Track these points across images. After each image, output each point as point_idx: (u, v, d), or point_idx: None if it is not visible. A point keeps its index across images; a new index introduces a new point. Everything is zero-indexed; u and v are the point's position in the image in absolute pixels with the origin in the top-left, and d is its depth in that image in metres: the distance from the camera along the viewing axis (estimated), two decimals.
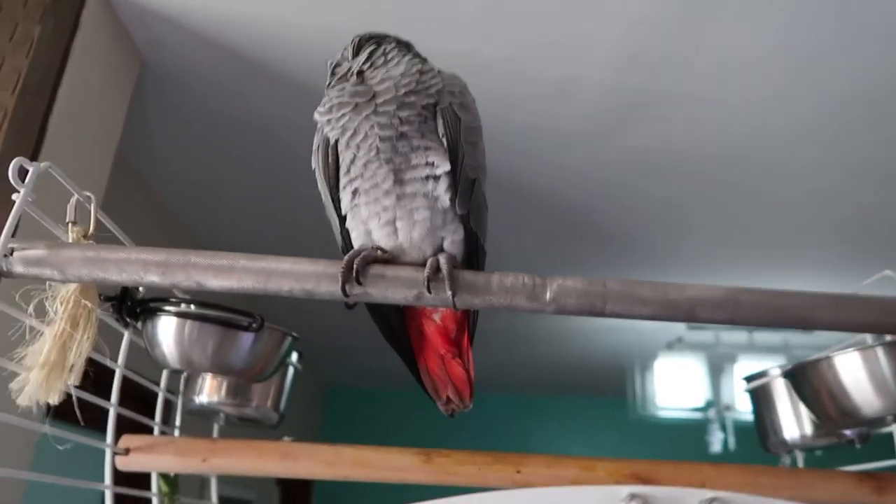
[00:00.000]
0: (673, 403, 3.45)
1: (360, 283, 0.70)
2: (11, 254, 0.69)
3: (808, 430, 1.11)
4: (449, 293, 0.69)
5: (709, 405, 3.43)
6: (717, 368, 3.43)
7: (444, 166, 0.74)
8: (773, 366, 1.18)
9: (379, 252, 0.75)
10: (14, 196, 0.70)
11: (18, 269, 0.69)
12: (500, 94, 1.88)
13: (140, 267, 0.70)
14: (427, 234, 0.75)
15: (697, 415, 3.47)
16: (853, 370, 0.85)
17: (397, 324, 0.86)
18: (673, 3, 1.57)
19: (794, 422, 1.13)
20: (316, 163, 0.80)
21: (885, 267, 1.46)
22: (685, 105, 1.89)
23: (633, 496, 0.43)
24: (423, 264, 0.71)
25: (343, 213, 0.79)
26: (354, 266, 0.70)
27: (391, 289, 0.71)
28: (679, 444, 4.42)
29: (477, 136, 0.80)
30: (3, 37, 1.42)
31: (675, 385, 3.44)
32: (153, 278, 0.70)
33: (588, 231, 2.63)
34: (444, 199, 0.75)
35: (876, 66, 1.72)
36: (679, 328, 3.53)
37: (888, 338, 0.93)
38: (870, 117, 1.90)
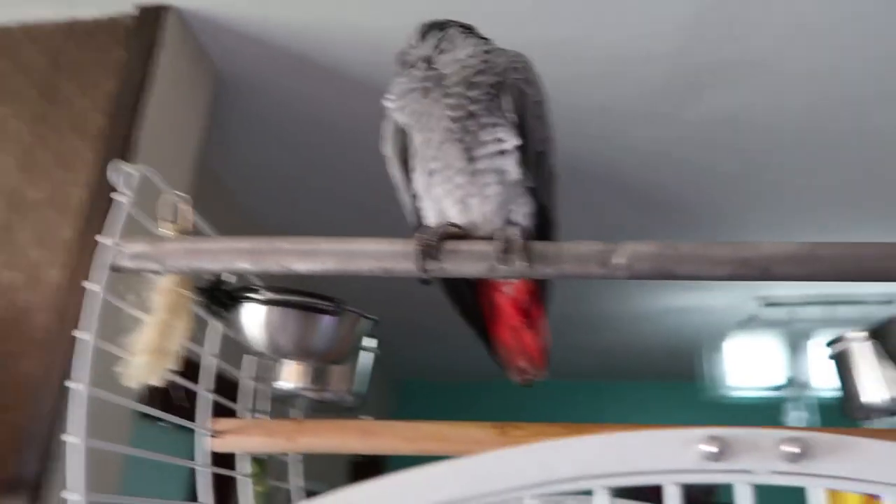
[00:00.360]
0: (747, 383, 3.36)
1: (435, 259, 0.73)
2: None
3: (893, 392, 1.08)
4: (522, 264, 0.71)
5: (785, 384, 3.32)
6: (793, 346, 3.32)
7: (512, 141, 0.77)
8: (856, 328, 1.14)
9: (452, 228, 0.78)
10: (118, 197, 0.76)
11: (126, 263, 0.75)
12: (563, 75, 1.87)
13: (232, 255, 0.75)
14: (498, 208, 0.78)
15: (773, 394, 3.36)
16: None
17: (470, 298, 0.89)
18: None
19: (882, 384, 1.09)
20: (388, 148, 0.84)
21: None
22: (755, 73, 1.84)
23: (712, 438, 0.44)
24: (498, 237, 0.74)
25: (418, 193, 0.82)
26: (430, 243, 0.73)
27: (466, 263, 0.73)
28: (755, 425, 4.30)
29: (542, 109, 0.82)
30: (92, 59, 1.53)
31: (749, 365, 3.34)
32: (244, 265, 0.75)
33: (656, 206, 2.59)
34: (514, 173, 0.78)
35: None
36: (751, 306, 3.43)
37: None
38: None
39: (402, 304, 3.36)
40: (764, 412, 3.70)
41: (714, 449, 0.48)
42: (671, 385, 4.92)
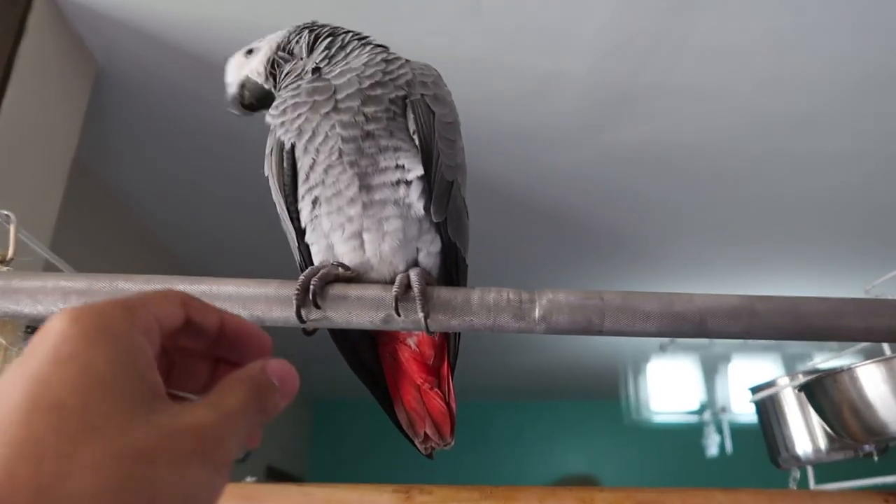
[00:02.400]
0: (668, 406, 3.37)
1: (318, 307, 0.60)
2: None
3: (823, 444, 1.03)
4: (421, 315, 0.59)
5: (704, 407, 3.35)
6: (712, 369, 3.36)
7: (416, 169, 0.65)
8: (780, 375, 1.09)
9: (341, 269, 0.65)
10: None
11: None
12: (479, 91, 1.78)
13: (59, 296, 0.60)
14: (399, 246, 0.65)
15: (693, 418, 3.39)
16: (879, 383, 0.76)
17: (367, 351, 0.76)
18: None
19: (806, 436, 1.04)
20: (269, 169, 0.70)
21: (892, 264, 1.38)
22: (675, 96, 1.81)
23: None
24: (394, 282, 0.62)
25: (302, 225, 0.69)
26: (311, 287, 0.60)
27: (355, 312, 0.61)
28: (676, 449, 4.35)
29: (454, 132, 0.69)
30: None
31: (670, 387, 3.36)
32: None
33: (577, 233, 2.54)
34: (418, 206, 0.65)
35: (880, 51, 1.64)
36: None
37: None
38: (875, 106, 1.82)
39: None
40: (683, 435, 3.74)
41: None
42: (596, 405, 4.94)
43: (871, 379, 0.77)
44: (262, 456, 3.98)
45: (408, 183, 0.65)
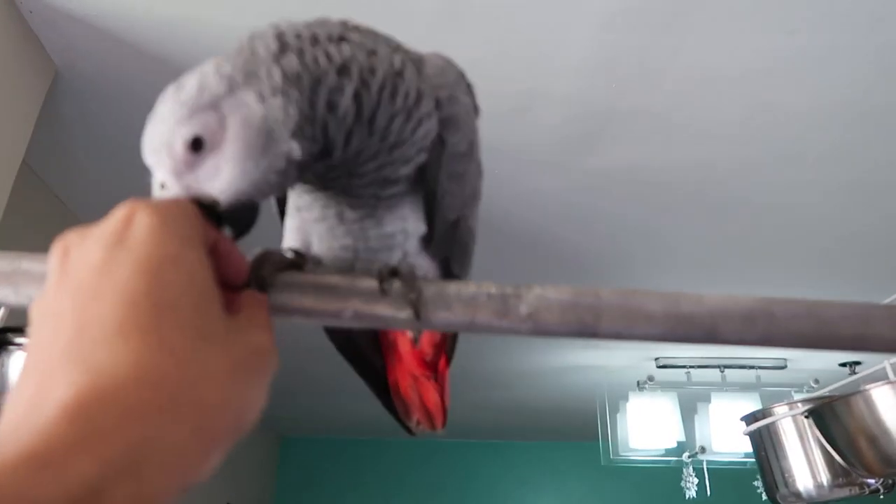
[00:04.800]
0: (645, 446, 3.27)
1: (262, 290, 0.50)
2: None
3: (825, 478, 0.94)
4: (411, 299, 0.50)
5: (683, 448, 3.25)
6: (690, 408, 3.28)
7: (418, 226, 0.55)
8: (779, 403, 1.01)
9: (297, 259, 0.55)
10: None
11: None
12: None
13: None
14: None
15: (671, 458, 3.29)
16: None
17: (363, 337, 0.68)
18: (642, 8, 1.45)
19: (807, 470, 0.95)
20: None
21: (879, 294, 1.33)
22: (657, 122, 1.77)
23: None
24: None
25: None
26: (260, 272, 0.50)
27: (308, 300, 0.51)
28: (654, 491, 4.23)
29: (464, 162, 0.57)
30: None
31: (647, 427, 3.27)
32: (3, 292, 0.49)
33: (554, 256, 2.48)
34: (417, 244, 0.57)
35: (871, 79, 1.61)
36: (649, 366, 3.38)
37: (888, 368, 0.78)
38: (861, 135, 1.79)
39: (287, 351, 3.06)
40: (661, 477, 3.63)
41: None
42: (571, 446, 4.81)
43: (889, 402, 0.70)
44: (221, 493, 3.77)
45: (406, 233, 0.56)
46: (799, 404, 0.96)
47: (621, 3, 1.43)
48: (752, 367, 3.26)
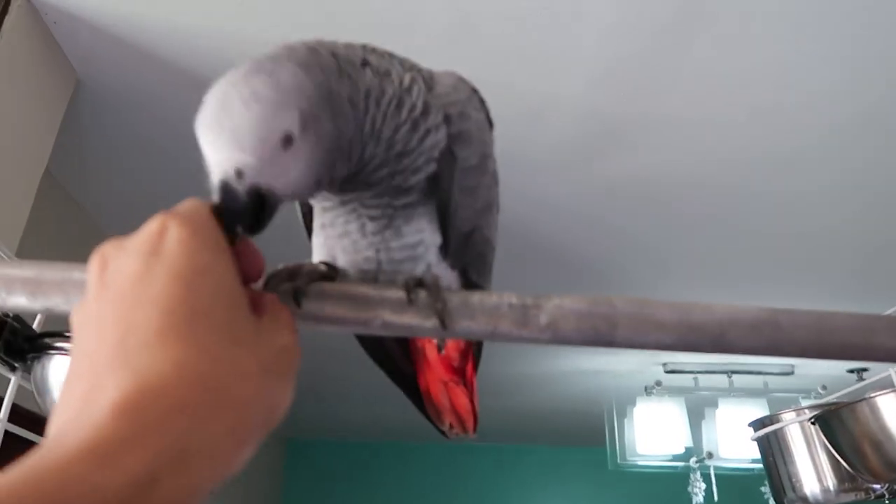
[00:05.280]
0: (652, 452, 3.28)
1: (298, 305, 0.53)
2: None
3: (832, 483, 0.96)
4: (438, 308, 0.53)
5: (690, 453, 3.26)
6: (698, 414, 3.29)
7: (433, 239, 0.59)
8: (786, 410, 1.03)
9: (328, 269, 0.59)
10: None
11: None
12: None
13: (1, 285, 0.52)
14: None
15: (678, 463, 3.30)
16: None
17: (394, 345, 0.72)
18: (651, 14, 1.47)
19: (814, 474, 0.97)
20: None
21: (889, 305, 1.34)
22: (666, 129, 1.80)
23: None
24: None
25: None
26: (296, 283, 0.53)
27: (340, 309, 0.54)
28: (661, 497, 4.23)
29: (476, 176, 0.60)
30: None
31: (655, 432, 3.28)
32: (20, 300, 0.53)
33: (559, 263, 2.50)
34: (436, 255, 0.60)
35: (879, 88, 1.63)
36: (657, 371, 3.40)
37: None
38: (873, 143, 1.81)
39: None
40: (668, 483, 3.64)
41: None
42: (579, 451, 4.82)
43: (893, 410, 0.72)
44: (228, 496, 3.79)
45: (423, 244, 0.60)
46: (806, 411, 0.98)
47: (626, 13, 1.46)
48: (759, 373, 3.27)
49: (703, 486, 3.19)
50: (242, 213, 0.45)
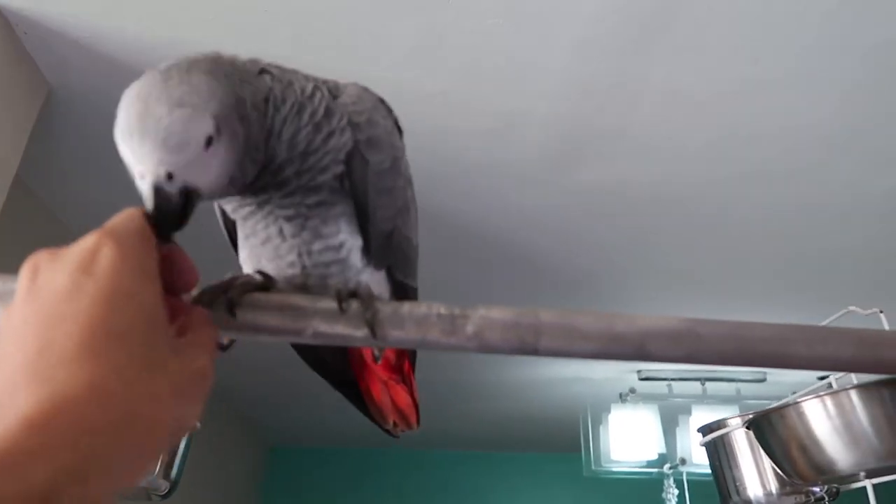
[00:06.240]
0: (627, 458, 3.32)
1: (233, 315, 0.55)
2: None
3: (774, 487, 1.00)
4: (369, 317, 0.55)
5: (664, 459, 3.30)
6: (671, 420, 3.33)
7: (355, 241, 0.62)
8: (732, 416, 1.07)
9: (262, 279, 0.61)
10: None
11: None
12: (441, 128, 1.79)
13: None
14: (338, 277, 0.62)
15: (652, 469, 3.33)
16: (826, 418, 0.74)
17: (333, 351, 0.75)
18: (618, 31, 1.51)
19: (757, 478, 1.01)
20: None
21: (838, 309, 1.39)
22: (634, 141, 1.84)
23: None
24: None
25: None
26: (229, 294, 0.55)
27: (274, 319, 0.56)
28: (636, 502, 4.26)
29: (390, 178, 0.63)
30: None
31: (629, 439, 3.31)
32: None
33: (534, 273, 2.53)
34: (359, 256, 0.63)
35: (831, 104, 1.68)
36: (631, 379, 3.43)
37: (855, 379, 0.83)
38: (828, 157, 1.86)
39: (270, 363, 3.09)
40: (643, 488, 3.67)
41: None
42: (554, 457, 4.85)
43: (818, 414, 0.75)
44: (209, 503, 3.78)
45: (343, 245, 0.62)
46: (752, 414, 1.02)
47: (593, 29, 1.50)
48: (732, 380, 3.32)
49: (677, 491, 3.22)
50: (176, 215, 0.47)
